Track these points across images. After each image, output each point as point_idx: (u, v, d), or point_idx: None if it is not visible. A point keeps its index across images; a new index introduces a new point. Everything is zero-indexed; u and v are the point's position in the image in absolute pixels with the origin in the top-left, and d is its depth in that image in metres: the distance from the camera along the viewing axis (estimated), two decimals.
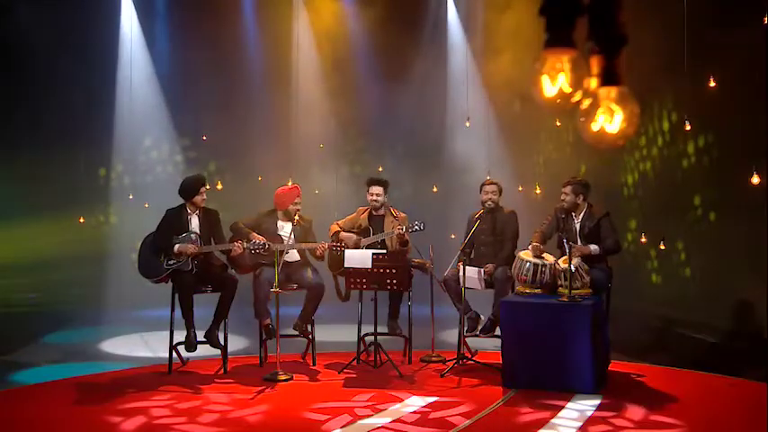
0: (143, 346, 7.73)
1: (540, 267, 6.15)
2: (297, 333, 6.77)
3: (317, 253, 6.77)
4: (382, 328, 6.68)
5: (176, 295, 6.45)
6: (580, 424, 4.99)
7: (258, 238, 6.60)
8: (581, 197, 6.57)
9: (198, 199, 6.60)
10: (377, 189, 7.08)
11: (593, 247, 6.41)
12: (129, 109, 10.16)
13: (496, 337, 6.35)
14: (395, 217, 6.97)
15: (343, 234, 7.06)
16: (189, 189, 6.62)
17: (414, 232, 6.82)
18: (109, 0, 10.10)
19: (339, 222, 7.25)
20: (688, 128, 7.58)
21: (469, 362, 6.48)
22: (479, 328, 6.73)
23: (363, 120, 10.31)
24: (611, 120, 2.60)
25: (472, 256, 6.90)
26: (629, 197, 9.01)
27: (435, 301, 6.96)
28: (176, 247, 6.44)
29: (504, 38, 9.24)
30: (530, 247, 6.41)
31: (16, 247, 9.20)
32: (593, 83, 2.58)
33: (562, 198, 6.60)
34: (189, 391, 5.85)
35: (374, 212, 7.14)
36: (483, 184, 7.03)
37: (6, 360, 7.00)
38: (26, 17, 9.37)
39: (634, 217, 8.94)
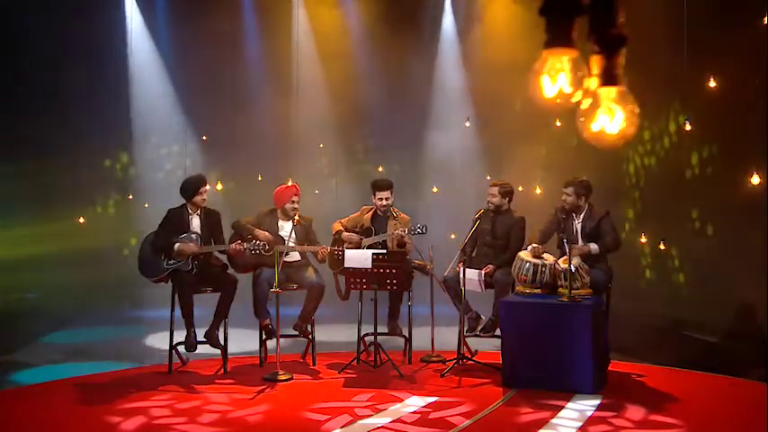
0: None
1: (539, 267, 6.14)
2: (297, 333, 6.77)
3: (319, 258, 6.79)
4: (382, 328, 6.68)
5: (176, 295, 6.46)
6: (580, 424, 4.99)
7: (262, 234, 6.61)
8: (582, 198, 6.55)
9: (198, 199, 6.61)
10: (384, 194, 7.04)
11: (593, 247, 6.40)
12: (129, 109, 10.17)
13: (496, 337, 6.35)
14: (396, 219, 6.95)
15: (345, 234, 7.05)
16: (189, 189, 6.62)
17: (416, 235, 6.82)
18: (111, 1, 10.10)
19: (342, 221, 7.24)
20: (688, 128, 7.57)
21: (469, 362, 6.48)
22: (480, 327, 6.73)
23: (363, 119, 10.30)
24: (611, 120, 2.60)
25: (473, 254, 6.90)
26: (630, 188, 8.98)
27: (435, 301, 6.96)
28: (176, 246, 6.45)
29: (504, 37, 9.23)
30: (529, 247, 6.41)
31: (16, 247, 9.19)
32: (593, 83, 2.57)
33: (563, 198, 6.58)
34: (189, 391, 5.84)
35: (379, 213, 7.13)
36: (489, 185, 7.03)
37: (6, 360, 6.99)
38: (27, 17, 9.37)
39: (634, 214, 8.93)
